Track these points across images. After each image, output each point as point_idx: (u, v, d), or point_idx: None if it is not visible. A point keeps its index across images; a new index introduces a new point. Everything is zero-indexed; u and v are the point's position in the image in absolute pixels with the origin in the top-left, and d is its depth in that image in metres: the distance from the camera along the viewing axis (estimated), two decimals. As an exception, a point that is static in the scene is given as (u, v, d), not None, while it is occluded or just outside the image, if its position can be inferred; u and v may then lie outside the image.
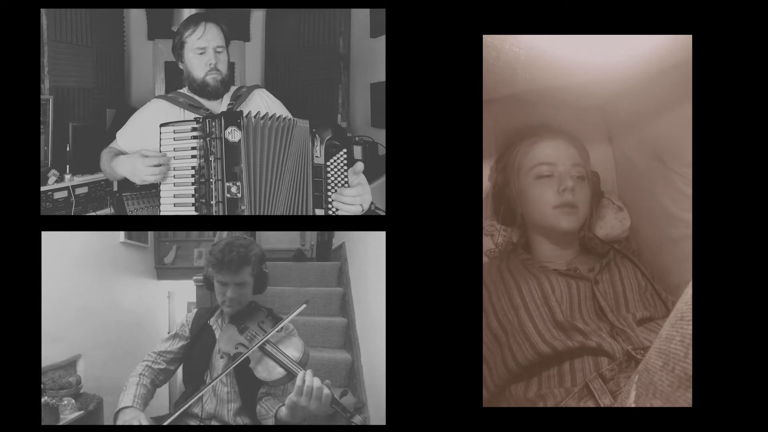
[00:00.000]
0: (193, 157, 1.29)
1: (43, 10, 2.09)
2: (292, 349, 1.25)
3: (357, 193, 1.29)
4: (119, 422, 1.22)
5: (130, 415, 1.23)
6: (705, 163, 0.96)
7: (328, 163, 1.31)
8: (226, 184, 1.26)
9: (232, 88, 1.55)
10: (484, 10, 1.07)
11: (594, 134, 1.58)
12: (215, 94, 1.49)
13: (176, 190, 1.30)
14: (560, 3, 1.05)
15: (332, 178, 1.31)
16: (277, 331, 1.31)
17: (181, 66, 1.52)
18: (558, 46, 1.14)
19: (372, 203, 1.72)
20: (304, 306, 1.32)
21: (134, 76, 2.81)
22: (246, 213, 1.27)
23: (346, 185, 1.31)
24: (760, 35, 0.96)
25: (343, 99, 2.64)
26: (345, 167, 1.32)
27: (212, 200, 1.27)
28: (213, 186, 1.27)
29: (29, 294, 1.08)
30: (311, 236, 3.85)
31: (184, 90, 1.54)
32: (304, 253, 3.82)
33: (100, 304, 2.39)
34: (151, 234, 3.21)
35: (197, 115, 1.40)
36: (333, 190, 1.31)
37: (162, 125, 1.32)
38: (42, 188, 1.90)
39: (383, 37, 2.23)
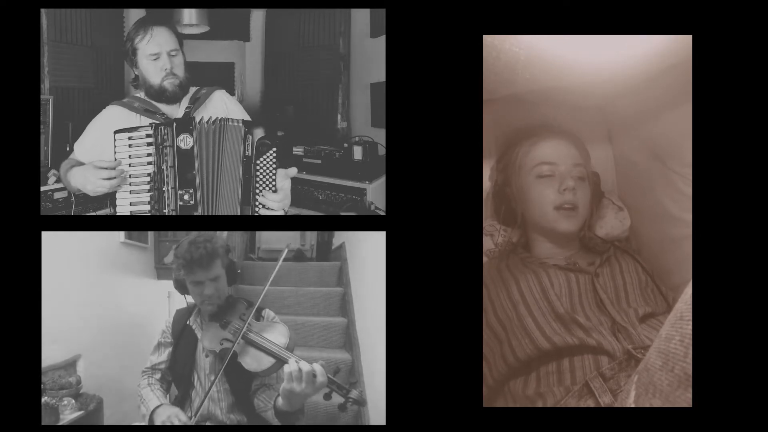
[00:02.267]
0: (149, 164, 1.28)
1: (43, 10, 2.09)
2: (278, 336, 1.24)
3: (280, 198, 1.31)
4: (158, 422, 1.23)
5: (167, 412, 1.24)
6: (705, 163, 0.96)
7: (258, 161, 1.31)
8: (179, 192, 1.26)
9: (192, 90, 1.51)
10: (484, 10, 1.07)
11: (594, 134, 1.58)
12: (174, 98, 1.45)
13: (132, 197, 1.30)
14: (560, 3, 1.05)
15: (261, 176, 1.31)
16: (260, 320, 1.31)
17: (135, 72, 1.47)
18: (558, 46, 1.14)
19: (372, 203, 1.72)
20: (286, 251, 1.32)
21: (134, 76, 2.81)
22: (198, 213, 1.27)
23: (274, 184, 1.32)
24: (760, 35, 0.96)
25: (343, 99, 2.64)
26: (274, 166, 1.32)
27: (165, 209, 1.27)
28: (166, 194, 1.27)
29: (29, 294, 1.08)
30: (311, 236, 3.84)
31: (141, 94, 1.49)
32: (304, 253, 3.82)
33: (100, 304, 2.39)
34: (151, 234, 3.20)
35: (153, 121, 1.38)
36: (260, 189, 1.31)
37: (116, 132, 1.30)
38: (42, 188, 1.90)
39: (383, 37, 2.23)
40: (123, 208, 1.30)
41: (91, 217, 1.96)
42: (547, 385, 1.17)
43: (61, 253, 2.00)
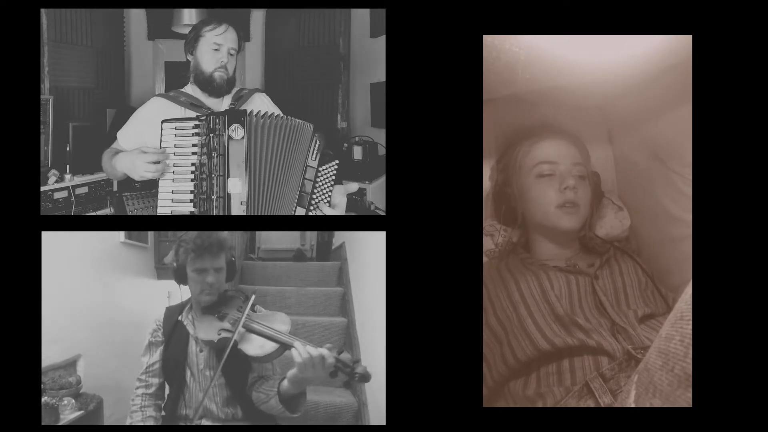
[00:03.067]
0: (194, 154, 1.29)
1: (43, 10, 2.09)
2: (279, 323, 1.25)
3: (336, 213, 1.36)
4: None
5: None
6: (705, 163, 0.96)
7: (320, 169, 1.34)
8: (228, 180, 1.27)
9: (234, 90, 1.57)
10: (484, 10, 1.07)
11: (594, 134, 1.58)
12: (218, 91, 1.51)
13: (174, 186, 1.30)
14: (560, 3, 1.05)
15: (320, 184, 1.35)
16: (257, 312, 1.31)
17: (189, 58, 1.53)
18: (558, 46, 1.14)
19: (372, 203, 1.72)
20: (253, 296, 1.34)
21: (134, 76, 2.81)
22: (245, 208, 1.28)
23: (329, 194, 1.36)
24: (760, 35, 0.96)
25: (343, 99, 2.64)
26: (333, 178, 1.36)
27: (213, 195, 1.28)
28: (214, 182, 1.27)
29: (29, 294, 1.08)
30: (311, 236, 3.84)
31: (186, 89, 1.55)
32: (304, 253, 3.82)
33: (100, 304, 2.39)
34: (151, 234, 3.20)
35: (198, 113, 1.41)
36: (317, 196, 1.34)
37: (163, 121, 1.32)
38: (42, 188, 1.90)
39: (383, 37, 2.23)
40: (165, 197, 1.31)
41: (91, 217, 1.96)
42: (547, 386, 1.17)
43: (61, 253, 2.00)
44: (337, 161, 1.37)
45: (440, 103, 1.09)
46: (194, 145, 1.29)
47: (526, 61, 1.17)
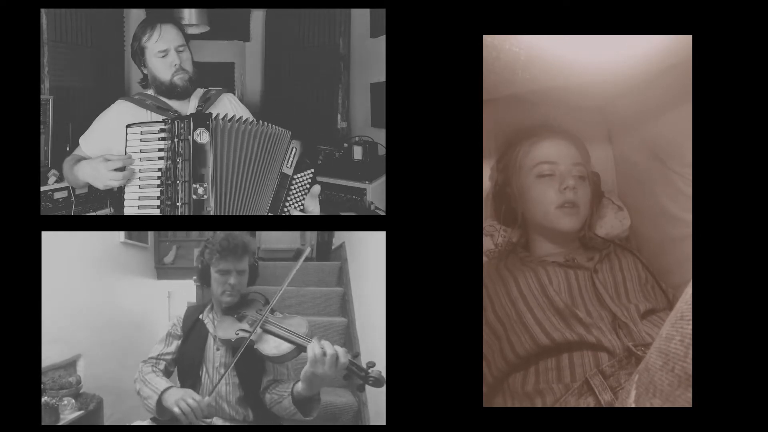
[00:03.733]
0: (160, 159, 1.27)
1: (43, 10, 2.09)
2: (296, 326, 1.26)
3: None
4: (170, 401, 1.20)
5: (178, 393, 1.21)
6: (705, 163, 0.96)
7: (296, 176, 1.34)
8: (193, 185, 1.26)
9: (200, 91, 1.53)
10: (484, 10, 1.07)
11: (594, 134, 1.58)
12: (185, 93, 1.46)
13: (141, 192, 1.28)
14: (560, 3, 1.05)
15: (294, 191, 1.35)
16: (276, 314, 1.32)
17: (144, 71, 1.48)
18: (558, 46, 1.14)
19: (372, 203, 1.72)
20: (308, 249, 1.37)
21: (134, 76, 2.81)
22: (212, 214, 1.28)
23: (302, 201, 1.36)
24: (760, 35, 0.96)
25: (343, 99, 2.64)
26: (308, 186, 1.36)
27: (178, 201, 1.26)
28: (179, 187, 1.26)
29: (29, 294, 1.08)
30: (311, 236, 3.84)
31: (151, 91, 1.50)
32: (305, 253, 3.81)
33: (100, 304, 2.39)
34: (151, 234, 3.21)
35: (165, 117, 1.38)
36: (291, 203, 1.34)
37: (128, 126, 1.30)
38: (42, 188, 1.90)
39: (383, 37, 2.23)
40: (131, 203, 1.29)
41: (91, 217, 1.96)
42: (546, 382, 1.17)
43: (61, 253, 2.00)
44: (312, 170, 1.36)
45: (440, 103, 1.09)
46: (161, 150, 1.27)
47: (526, 61, 1.16)
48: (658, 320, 1.21)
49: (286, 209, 1.33)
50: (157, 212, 1.27)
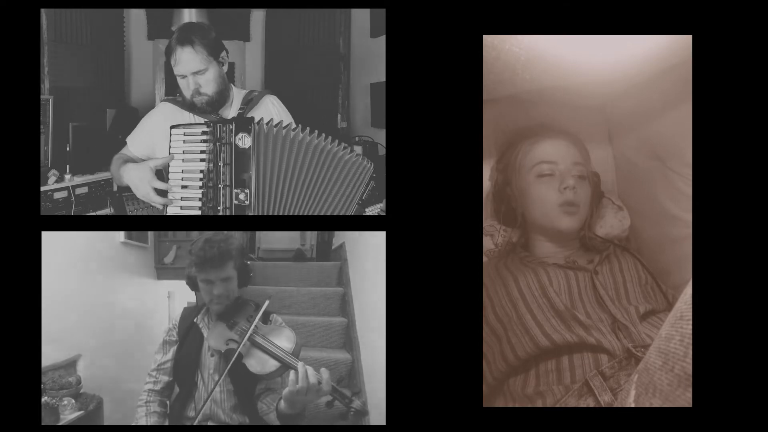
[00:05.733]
0: (202, 160, 1.28)
1: (43, 10, 2.09)
2: (284, 341, 1.24)
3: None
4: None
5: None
6: (705, 163, 0.96)
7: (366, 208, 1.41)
8: (234, 190, 1.26)
9: (242, 92, 1.54)
10: (484, 10, 1.07)
11: (594, 134, 1.58)
12: (207, 111, 1.46)
13: (184, 192, 1.29)
14: (560, 3, 1.05)
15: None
16: (267, 324, 1.31)
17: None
18: (558, 46, 1.14)
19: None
20: (267, 302, 1.33)
21: (134, 76, 2.81)
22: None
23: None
24: (760, 35, 0.96)
25: (343, 99, 2.64)
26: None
27: (219, 206, 1.27)
28: (221, 192, 1.27)
29: (29, 294, 1.07)
30: (311, 236, 3.84)
31: None
32: (304, 253, 3.82)
33: (100, 304, 2.39)
34: (151, 234, 3.21)
35: (207, 119, 1.40)
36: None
37: (172, 127, 1.31)
38: (42, 188, 1.90)
39: (383, 37, 2.23)
40: (174, 202, 1.30)
41: (91, 217, 1.96)
42: (546, 384, 1.17)
43: (61, 253, 2.00)
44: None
45: (440, 103, 1.09)
46: (203, 152, 1.28)
47: (526, 61, 1.17)
48: (657, 321, 1.21)
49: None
50: (198, 213, 1.28)
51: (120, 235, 2.68)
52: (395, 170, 1.11)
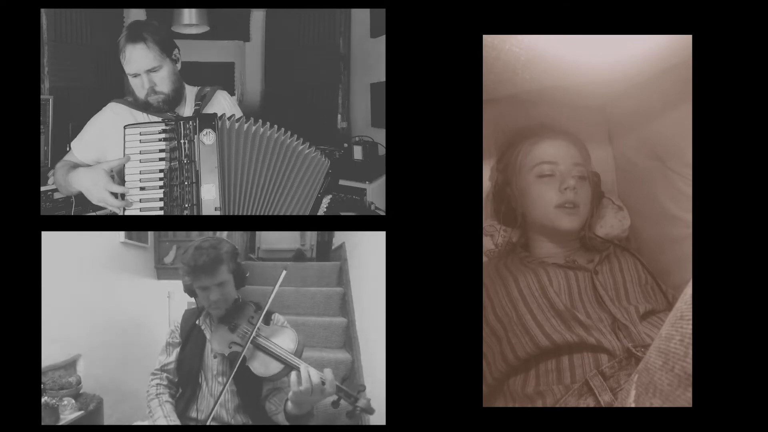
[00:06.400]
0: (162, 159, 1.25)
1: (43, 10, 2.09)
2: (287, 341, 1.24)
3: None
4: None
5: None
6: (705, 163, 0.96)
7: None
8: (203, 186, 1.25)
9: (194, 89, 1.49)
10: (484, 10, 1.07)
11: (594, 134, 1.58)
12: (164, 110, 1.40)
13: (142, 194, 1.26)
14: (560, 3, 1.05)
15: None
16: (269, 325, 1.31)
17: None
18: (558, 46, 1.14)
19: (372, 203, 1.72)
20: (284, 273, 1.32)
21: (134, 76, 2.80)
22: (219, 214, 1.27)
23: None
24: (760, 35, 0.96)
25: (343, 99, 2.64)
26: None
27: (185, 203, 1.25)
28: (186, 189, 1.25)
29: (29, 294, 1.08)
30: (311, 236, 3.84)
31: None
32: (304, 253, 3.82)
33: (100, 304, 2.39)
34: (151, 234, 3.20)
35: (163, 117, 1.36)
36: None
37: (127, 126, 1.27)
38: (42, 188, 1.90)
39: (383, 37, 2.23)
40: (132, 206, 1.27)
41: (91, 217, 1.96)
42: (546, 384, 1.17)
43: (61, 253, 2.00)
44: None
45: (440, 103, 1.09)
46: (162, 150, 1.25)
47: (526, 61, 1.17)
48: (657, 321, 1.21)
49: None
50: (159, 214, 1.26)
51: (120, 235, 2.68)
52: (395, 170, 1.11)
